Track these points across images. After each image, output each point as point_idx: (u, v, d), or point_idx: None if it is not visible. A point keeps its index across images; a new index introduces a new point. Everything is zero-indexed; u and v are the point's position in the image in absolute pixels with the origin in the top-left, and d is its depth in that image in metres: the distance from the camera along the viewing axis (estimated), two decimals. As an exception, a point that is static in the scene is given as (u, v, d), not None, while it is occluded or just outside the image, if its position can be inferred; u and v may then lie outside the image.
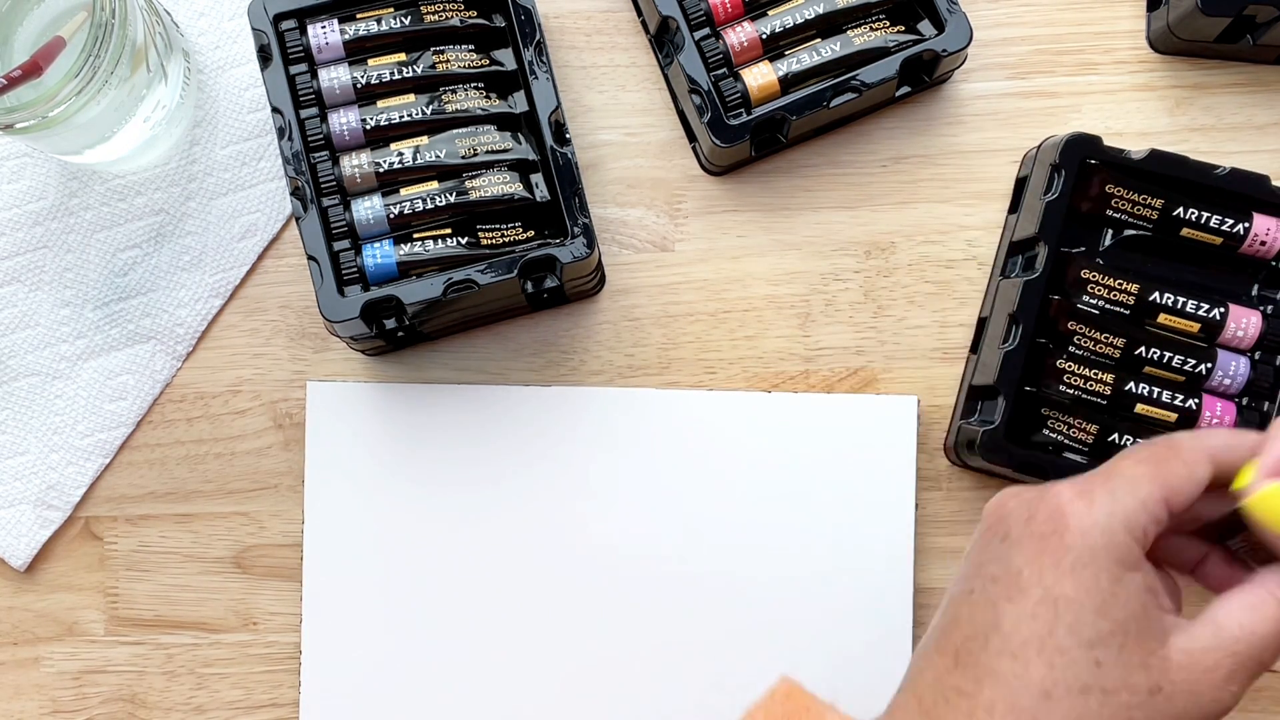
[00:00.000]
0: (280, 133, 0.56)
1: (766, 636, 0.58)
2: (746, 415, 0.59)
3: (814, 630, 0.58)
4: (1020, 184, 0.60)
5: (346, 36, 0.57)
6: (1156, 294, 0.56)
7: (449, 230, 0.56)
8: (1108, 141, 0.56)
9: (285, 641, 0.60)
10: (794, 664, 0.58)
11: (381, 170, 0.56)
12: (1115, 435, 0.55)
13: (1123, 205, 0.56)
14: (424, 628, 0.59)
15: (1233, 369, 0.56)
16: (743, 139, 0.57)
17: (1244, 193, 0.56)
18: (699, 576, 0.59)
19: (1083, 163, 0.56)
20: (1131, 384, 0.55)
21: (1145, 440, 0.44)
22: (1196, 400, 0.55)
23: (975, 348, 0.59)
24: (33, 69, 0.52)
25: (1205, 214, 0.56)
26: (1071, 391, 0.55)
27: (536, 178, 0.57)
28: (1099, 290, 0.56)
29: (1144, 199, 0.56)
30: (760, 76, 0.57)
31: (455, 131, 0.57)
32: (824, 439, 0.59)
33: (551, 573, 0.59)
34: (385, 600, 0.59)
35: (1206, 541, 0.45)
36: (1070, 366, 0.55)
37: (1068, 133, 0.56)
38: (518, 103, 0.57)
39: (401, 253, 0.55)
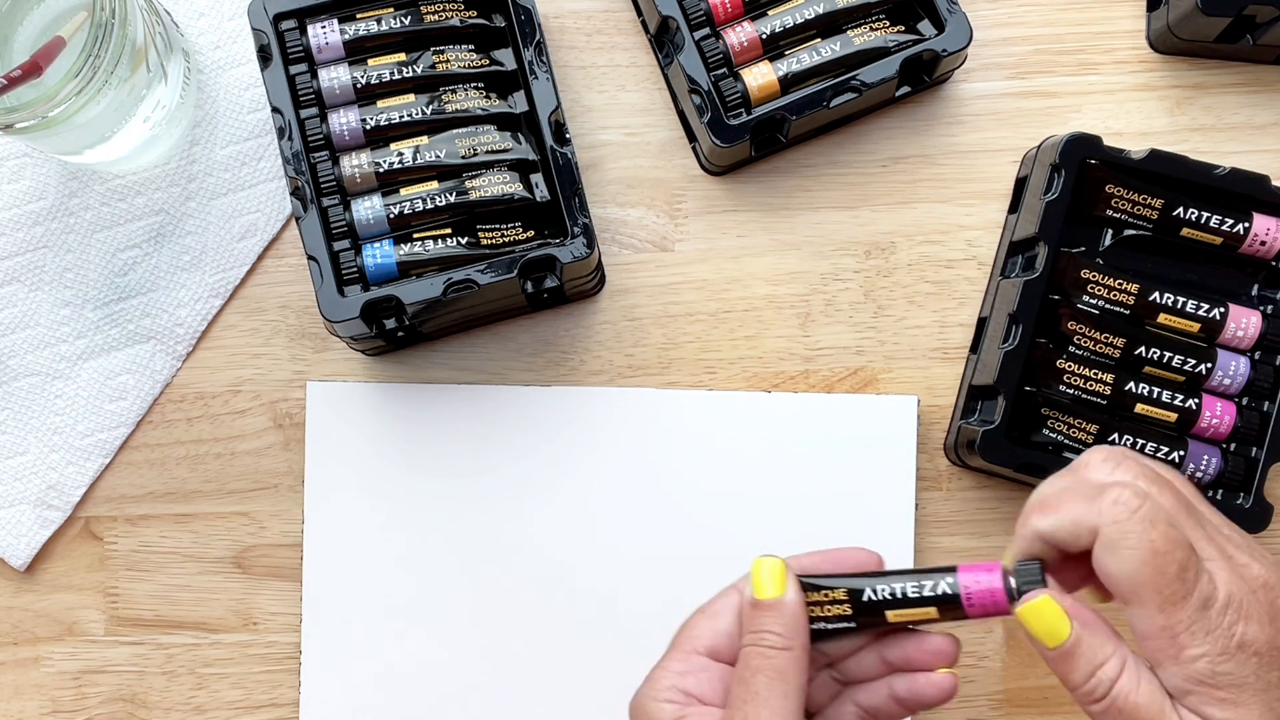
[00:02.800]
0: (280, 133, 0.56)
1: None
2: (746, 415, 0.59)
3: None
4: (1020, 184, 0.60)
5: (346, 36, 0.57)
6: (1156, 294, 0.56)
7: (449, 230, 0.56)
8: (1108, 141, 0.56)
9: (285, 641, 0.60)
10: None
11: (381, 170, 0.56)
12: (1115, 435, 0.55)
13: (1123, 205, 0.56)
14: (424, 627, 0.59)
15: (1233, 369, 0.56)
16: (743, 139, 0.57)
17: (1244, 193, 0.56)
18: (699, 576, 0.59)
19: (1083, 163, 0.56)
20: (1131, 384, 0.55)
21: None
22: (1196, 400, 0.55)
23: (975, 348, 0.59)
24: (33, 69, 0.52)
25: (1205, 214, 0.56)
26: (1071, 391, 0.55)
27: (536, 178, 0.57)
28: (1099, 290, 0.56)
29: (1144, 199, 0.56)
30: (760, 76, 0.57)
31: (455, 131, 0.57)
32: (824, 439, 0.59)
33: (551, 572, 0.59)
34: (385, 600, 0.59)
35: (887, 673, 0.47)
36: (1070, 366, 0.55)
37: (1068, 133, 0.56)
38: (518, 103, 0.57)
39: (401, 253, 0.55)
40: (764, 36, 0.58)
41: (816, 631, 0.45)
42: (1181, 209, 0.56)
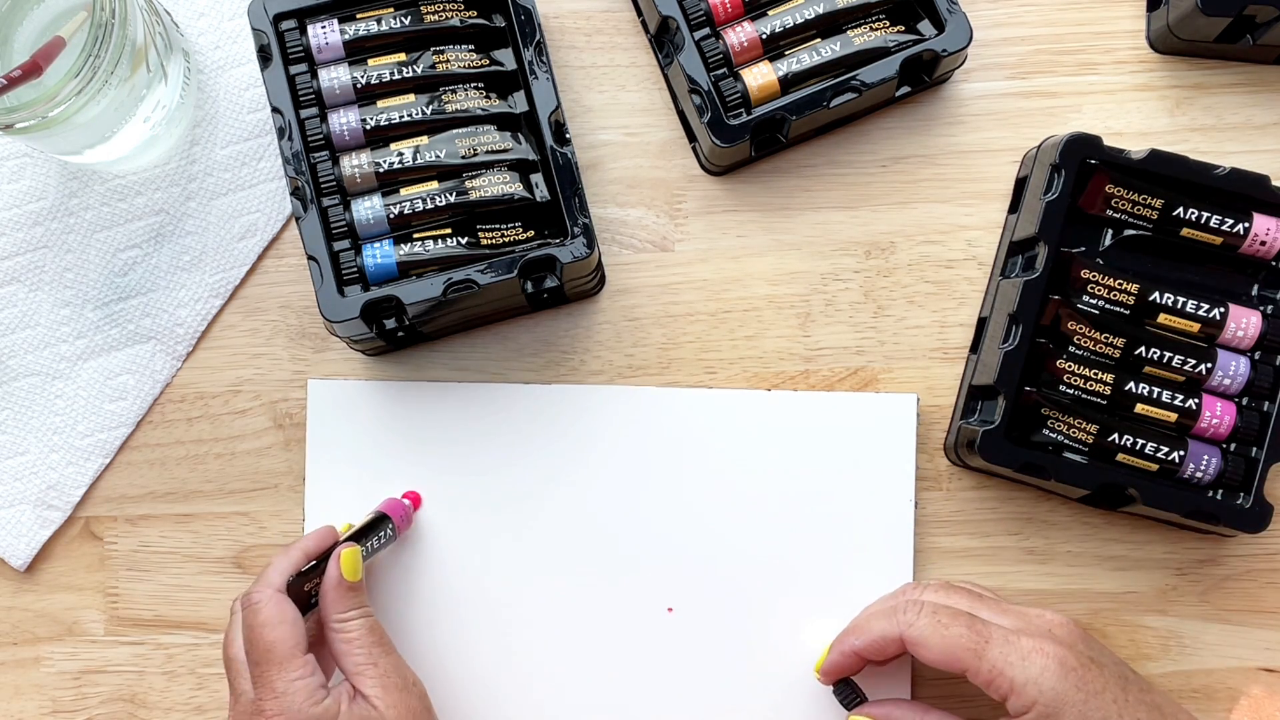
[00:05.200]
0: (280, 133, 0.56)
1: (765, 633, 0.58)
2: (746, 414, 0.59)
3: (814, 627, 0.58)
4: (1020, 184, 0.60)
5: (346, 36, 0.57)
6: (1156, 294, 0.56)
7: (449, 230, 0.56)
8: (1108, 141, 0.56)
9: (285, 641, 0.60)
10: (793, 661, 0.58)
11: (381, 170, 0.56)
12: (1115, 435, 0.55)
13: (1123, 205, 0.56)
14: (424, 626, 0.59)
15: (1233, 369, 0.56)
16: (743, 139, 0.57)
17: (1244, 193, 0.56)
18: (699, 574, 0.59)
19: (1083, 163, 0.56)
20: (1131, 384, 0.55)
21: None
22: (1196, 400, 0.55)
23: (975, 348, 0.59)
24: (33, 69, 0.52)
25: (1205, 214, 0.56)
26: (1071, 391, 0.55)
27: (536, 178, 0.57)
28: (1099, 290, 0.56)
29: (1144, 199, 0.56)
30: (760, 76, 0.57)
31: (455, 131, 0.57)
32: (823, 437, 0.59)
33: (551, 570, 0.59)
34: (384, 598, 0.59)
35: None
36: (1070, 366, 0.55)
37: (1068, 133, 0.56)
38: (518, 103, 0.57)
39: (401, 253, 0.55)
40: (764, 36, 0.58)
41: None
42: (1181, 209, 0.56)
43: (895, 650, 0.53)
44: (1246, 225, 0.56)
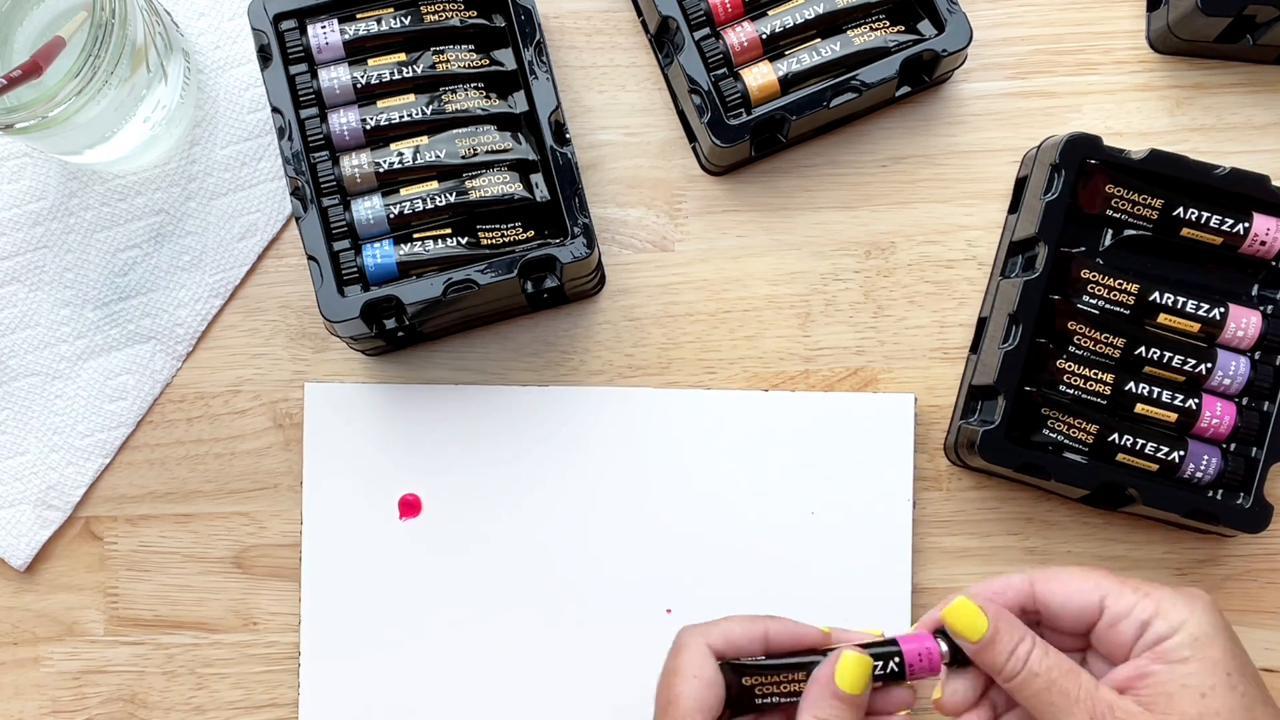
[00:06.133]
0: (280, 133, 0.56)
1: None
2: (744, 414, 0.59)
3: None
4: (1020, 184, 0.60)
5: (346, 36, 0.57)
6: (1156, 294, 0.56)
7: (449, 230, 0.56)
8: (1108, 141, 0.56)
9: (285, 641, 0.60)
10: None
11: (381, 170, 0.56)
12: (1115, 435, 0.55)
13: (1123, 205, 0.56)
14: (423, 627, 0.59)
15: (1233, 369, 0.56)
16: (743, 139, 0.57)
17: (1244, 193, 0.56)
18: (697, 576, 0.59)
19: (1083, 163, 0.56)
20: (1131, 384, 0.55)
21: None
22: (1196, 400, 0.55)
23: (975, 348, 0.59)
24: (33, 69, 0.52)
25: (1205, 214, 0.56)
26: (1071, 391, 0.55)
27: (536, 178, 0.57)
28: (1099, 290, 0.56)
29: (1144, 199, 0.56)
30: (760, 76, 0.57)
31: (455, 131, 0.57)
32: (821, 437, 0.59)
33: (550, 571, 0.59)
34: (385, 600, 0.59)
35: None
36: (1070, 366, 0.55)
37: (1068, 133, 0.56)
38: (518, 103, 0.57)
39: (401, 253, 0.55)
40: (764, 36, 0.58)
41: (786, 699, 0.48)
42: (1181, 209, 0.56)
43: (1018, 597, 0.48)
44: (1246, 225, 0.56)
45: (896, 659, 0.47)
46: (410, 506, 0.59)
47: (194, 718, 0.60)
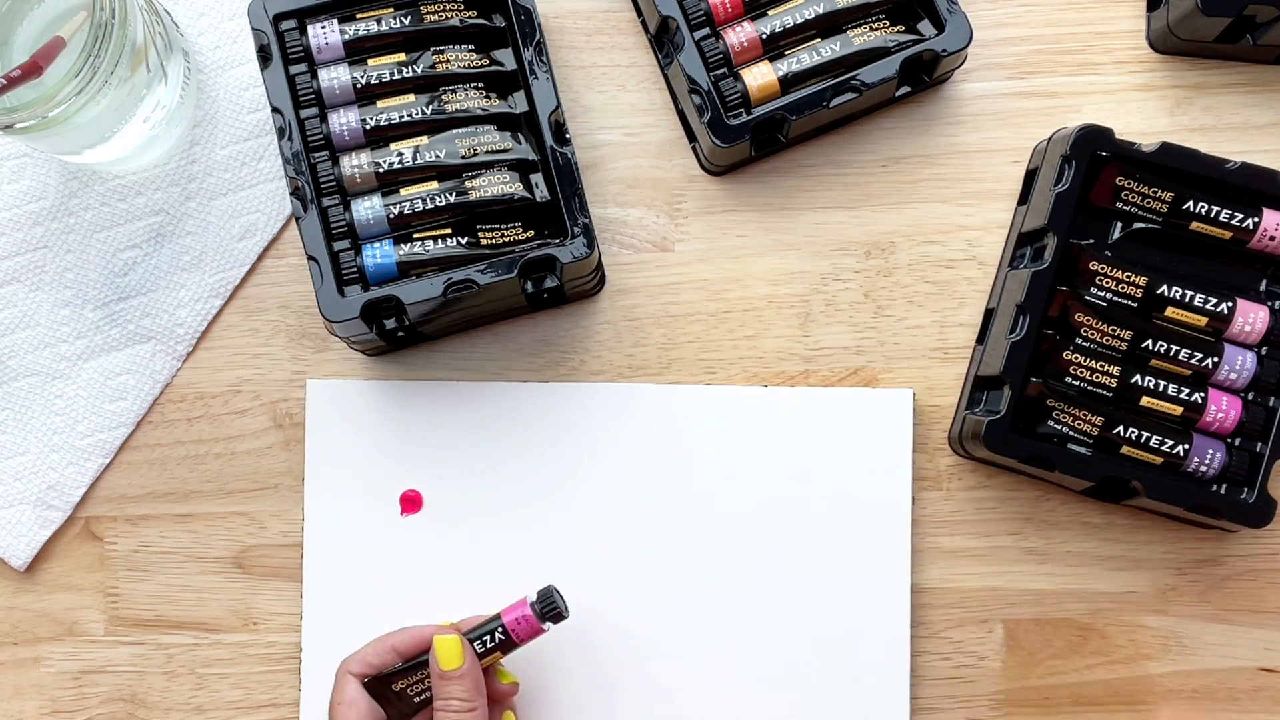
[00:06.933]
0: (280, 133, 0.56)
1: (762, 631, 0.58)
2: (743, 409, 0.59)
3: (811, 626, 0.58)
4: (1030, 176, 0.60)
5: (346, 36, 0.57)
6: (1165, 287, 0.56)
7: (449, 230, 0.56)
8: (1108, 141, 0.56)
9: (285, 641, 0.60)
10: (790, 659, 0.58)
11: (381, 170, 0.56)
12: (1120, 428, 0.55)
13: (1132, 198, 0.56)
14: (425, 624, 0.59)
15: (1239, 364, 0.56)
16: (743, 139, 0.57)
17: (1254, 188, 0.56)
18: (695, 569, 0.59)
19: (1093, 155, 0.56)
20: (1138, 377, 0.55)
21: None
22: (1202, 394, 0.55)
23: (981, 339, 0.59)
24: (33, 69, 0.52)
25: (1215, 208, 0.56)
26: (1078, 383, 0.55)
27: (536, 178, 0.57)
28: (1107, 282, 0.56)
29: (1154, 192, 0.56)
30: (760, 76, 0.57)
31: (455, 131, 0.57)
32: (821, 432, 0.59)
33: (550, 568, 0.59)
34: (385, 600, 0.59)
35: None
36: (1077, 358, 0.55)
37: (1079, 124, 0.56)
38: (518, 103, 0.57)
39: (401, 253, 0.55)
40: (764, 36, 0.58)
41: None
42: (1191, 203, 0.56)
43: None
44: (1256, 220, 0.56)
45: (500, 629, 0.53)
46: (411, 502, 0.59)
47: (194, 718, 0.60)
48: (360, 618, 0.59)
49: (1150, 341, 0.55)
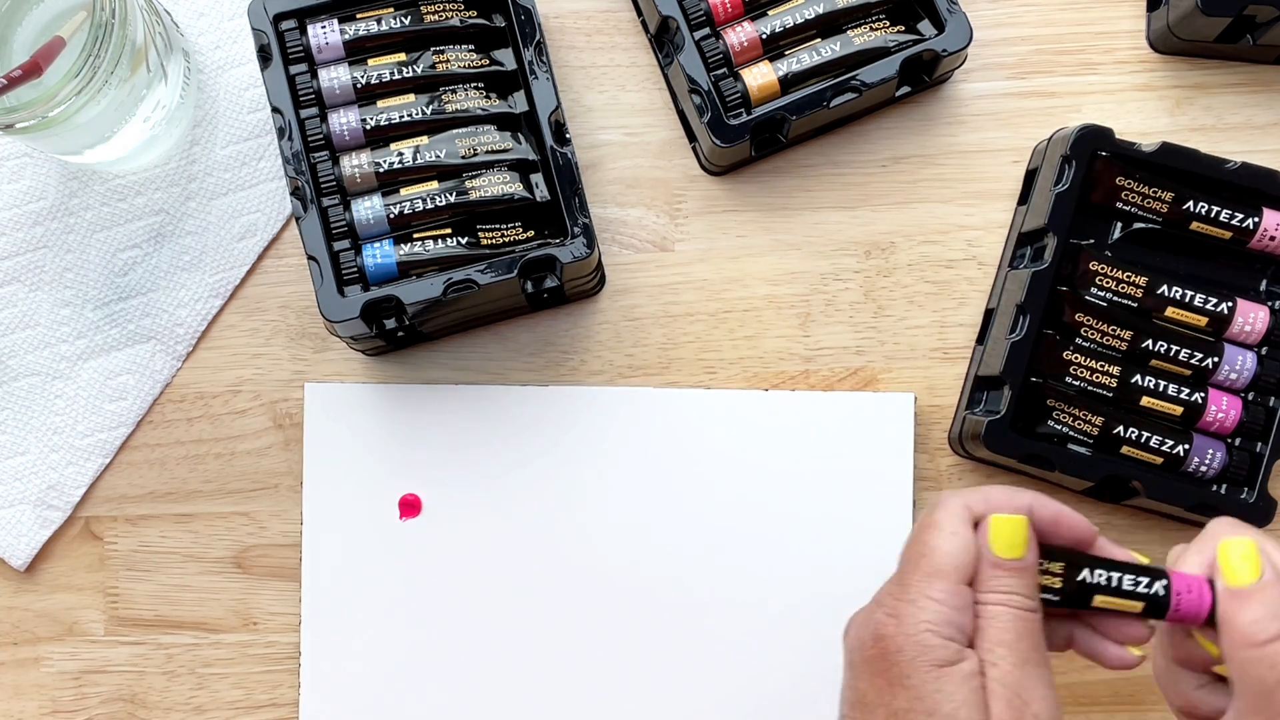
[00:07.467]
0: (280, 133, 0.56)
1: (765, 635, 0.58)
2: (743, 414, 0.59)
3: (815, 630, 0.58)
4: (1030, 175, 0.60)
5: (346, 36, 0.57)
6: (1165, 287, 0.56)
7: (449, 230, 0.56)
8: (1108, 141, 0.56)
9: (285, 641, 0.60)
10: (790, 660, 0.58)
11: (381, 170, 0.56)
12: (1120, 428, 0.55)
13: (1133, 198, 0.56)
14: (424, 627, 0.59)
15: (1239, 364, 0.56)
16: (743, 139, 0.57)
17: (1254, 187, 0.56)
18: (697, 575, 0.59)
19: (1093, 155, 0.56)
20: (1138, 377, 0.55)
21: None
22: (1202, 394, 0.55)
23: (982, 339, 0.59)
24: (33, 69, 0.52)
25: (1215, 208, 0.56)
26: (1078, 383, 0.55)
27: (536, 178, 0.57)
28: (1107, 282, 0.56)
29: (1154, 192, 0.56)
30: (760, 76, 0.57)
31: (455, 131, 0.57)
32: (822, 436, 0.59)
33: (550, 572, 0.59)
34: (385, 600, 0.59)
35: (1069, 619, 0.47)
36: (1077, 358, 0.55)
37: (1079, 124, 0.56)
38: (518, 103, 0.57)
39: (401, 253, 0.55)
40: (764, 36, 0.58)
41: None
42: (1191, 203, 0.56)
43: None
44: (1256, 220, 0.56)
45: (1163, 582, 0.43)
46: (410, 507, 0.59)
47: (194, 718, 0.60)
48: (360, 618, 0.59)
49: (1150, 341, 0.55)
